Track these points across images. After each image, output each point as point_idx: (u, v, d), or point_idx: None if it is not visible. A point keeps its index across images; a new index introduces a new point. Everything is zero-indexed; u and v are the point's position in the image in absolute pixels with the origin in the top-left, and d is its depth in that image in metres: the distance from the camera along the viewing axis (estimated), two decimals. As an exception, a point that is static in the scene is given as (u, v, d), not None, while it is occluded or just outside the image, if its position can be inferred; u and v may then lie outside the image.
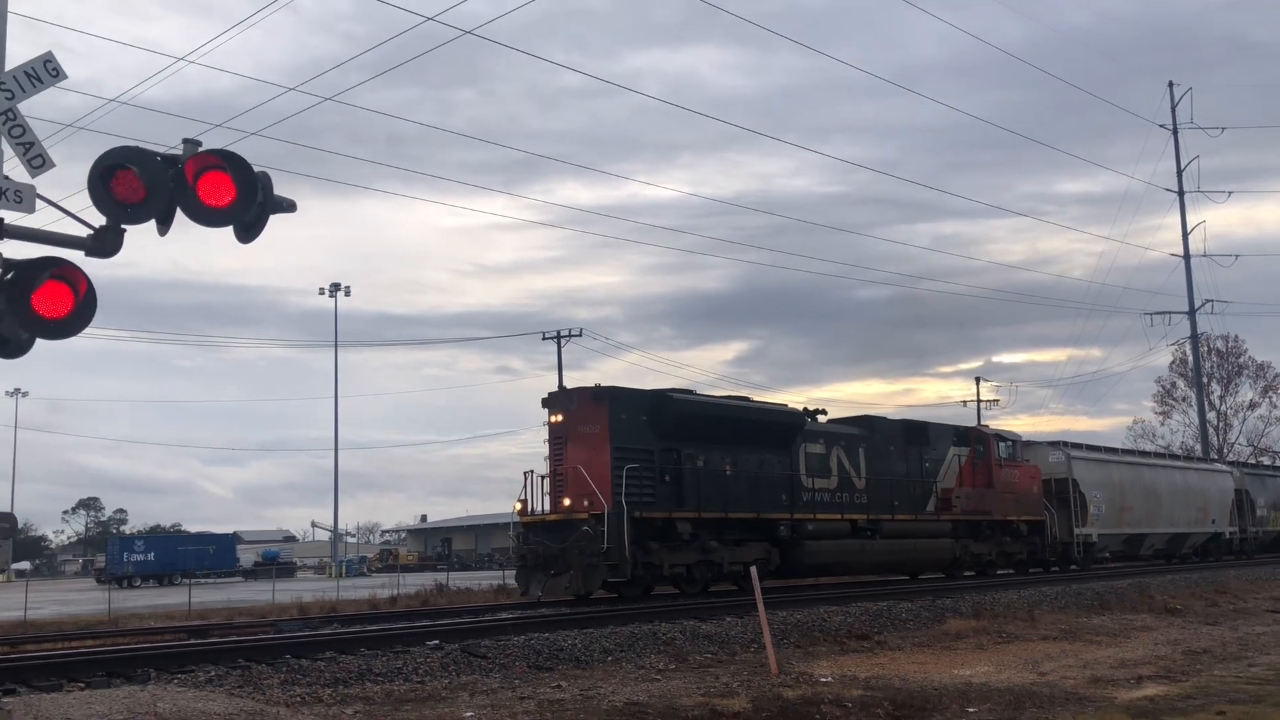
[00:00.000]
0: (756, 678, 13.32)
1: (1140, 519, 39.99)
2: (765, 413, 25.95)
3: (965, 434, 32.46)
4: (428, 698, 11.77)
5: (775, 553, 24.59)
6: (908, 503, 28.73)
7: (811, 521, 25.28)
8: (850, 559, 26.93)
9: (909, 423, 31.09)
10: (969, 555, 30.85)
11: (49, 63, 7.90)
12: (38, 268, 7.59)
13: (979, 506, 31.14)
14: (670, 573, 22.69)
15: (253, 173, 8.05)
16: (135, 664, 12.51)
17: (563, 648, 14.86)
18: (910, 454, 29.51)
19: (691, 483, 23.15)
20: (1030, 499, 33.47)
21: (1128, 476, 39.91)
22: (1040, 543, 33.68)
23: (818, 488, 26.31)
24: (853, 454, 27.52)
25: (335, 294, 54.54)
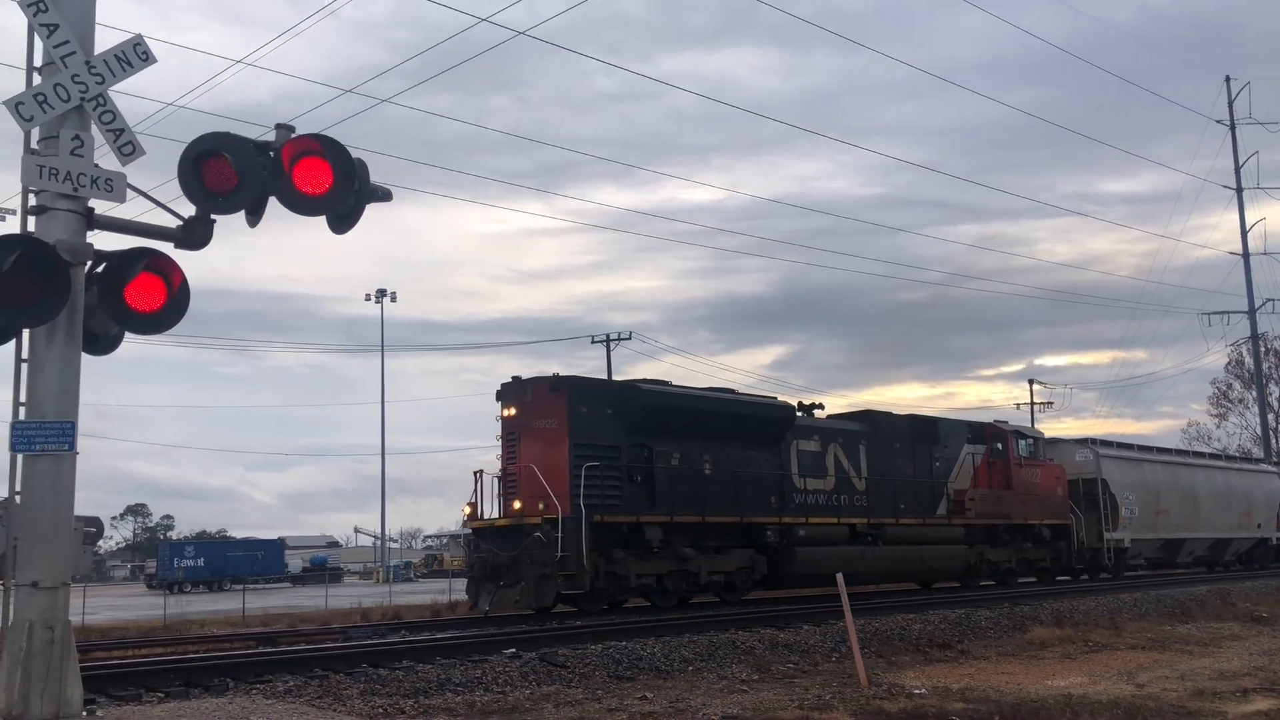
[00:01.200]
0: (847, 689, 12.83)
1: (1178, 523, 37.02)
2: (750, 406, 23.49)
3: (981, 431, 29.94)
4: (511, 709, 11.35)
5: (762, 561, 22.40)
6: (915, 505, 26.41)
7: (803, 526, 22.94)
8: (848, 568, 23.97)
9: (917, 418, 28.61)
10: (985, 563, 28.37)
11: (138, 46, 7.59)
12: (131, 259, 7.27)
13: (996, 509, 28.61)
14: (638, 584, 20.33)
15: (351, 159, 7.70)
16: (211, 673, 12.20)
17: (642, 657, 14.43)
18: (918, 452, 27.22)
19: (664, 483, 20.95)
20: (1054, 501, 30.89)
21: (1163, 477, 36.94)
22: (1066, 549, 30.99)
23: (811, 489, 24.18)
24: (852, 452, 25.36)
25: (381, 300, 54.43)
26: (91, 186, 7.25)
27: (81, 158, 7.26)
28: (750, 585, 22.55)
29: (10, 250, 6.80)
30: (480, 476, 20.91)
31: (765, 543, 22.21)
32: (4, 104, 7.04)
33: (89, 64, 7.32)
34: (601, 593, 19.77)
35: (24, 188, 7.24)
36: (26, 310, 6.89)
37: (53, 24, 7.22)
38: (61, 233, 7.17)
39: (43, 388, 7.16)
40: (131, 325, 7.45)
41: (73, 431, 7.09)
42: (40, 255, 6.89)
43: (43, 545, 7.09)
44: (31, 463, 7.12)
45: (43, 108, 7.14)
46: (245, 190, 7.65)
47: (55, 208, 7.24)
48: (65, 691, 6.95)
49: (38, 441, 7.04)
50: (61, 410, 7.13)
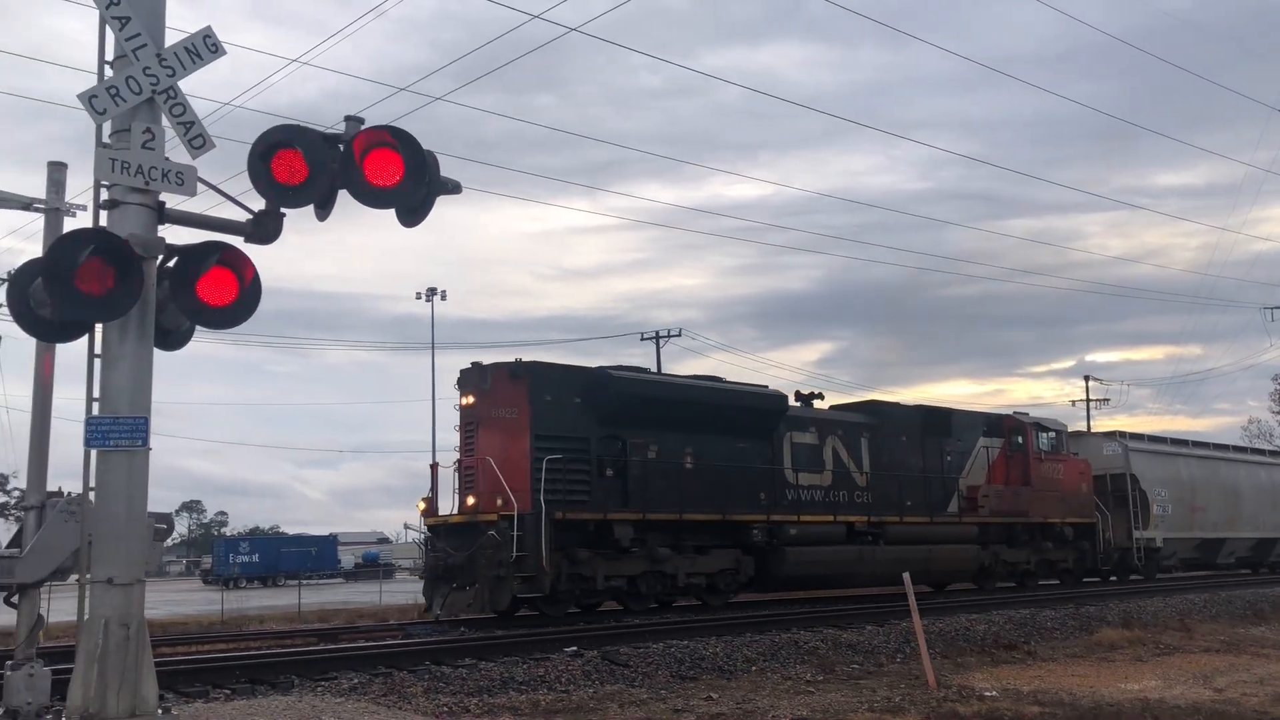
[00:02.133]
0: (916, 691, 12.61)
1: (1217, 521, 35.10)
2: (737, 395, 21.95)
3: (998, 423, 28.32)
4: (577, 708, 11.24)
5: (748, 562, 21.05)
6: (922, 502, 24.98)
7: (794, 524, 21.63)
8: (844, 569, 22.93)
9: (927, 409, 26.91)
10: (1001, 564, 26.85)
11: (208, 38, 7.50)
12: (203, 253, 7.19)
13: (1013, 507, 27.10)
14: (607, 586, 19.02)
15: (423, 151, 7.56)
16: (276, 670, 12.20)
17: (704, 656, 14.27)
18: (928, 446, 25.69)
19: (639, 478, 19.62)
20: (1078, 498, 29.20)
21: (1200, 473, 34.95)
22: (1090, 549, 29.38)
23: (806, 484, 22.77)
24: (853, 445, 23.92)
25: (432, 299, 54.67)
26: (163, 180, 7.17)
27: (153, 151, 7.18)
28: (736, 588, 21.31)
29: (84, 244, 6.75)
30: (436, 470, 19.81)
31: (752, 542, 20.97)
32: (77, 97, 6.99)
33: (160, 56, 7.26)
34: (565, 595, 18.38)
35: (96, 181, 7.19)
36: (100, 305, 6.83)
37: (125, 16, 7.16)
38: (134, 227, 7.11)
39: (116, 383, 7.10)
40: (204, 320, 7.38)
41: (146, 427, 7.03)
42: (113, 249, 6.83)
43: (116, 542, 7.03)
44: (105, 459, 7.06)
45: (115, 101, 7.08)
46: (315, 183, 7.54)
47: (127, 202, 7.17)
48: (141, 689, 6.89)
49: (111, 437, 6.98)
50: (135, 406, 7.07)
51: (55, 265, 6.79)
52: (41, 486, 8.64)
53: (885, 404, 26.33)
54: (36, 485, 8.65)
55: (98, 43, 7.33)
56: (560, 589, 18.05)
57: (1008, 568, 27.07)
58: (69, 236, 7.05)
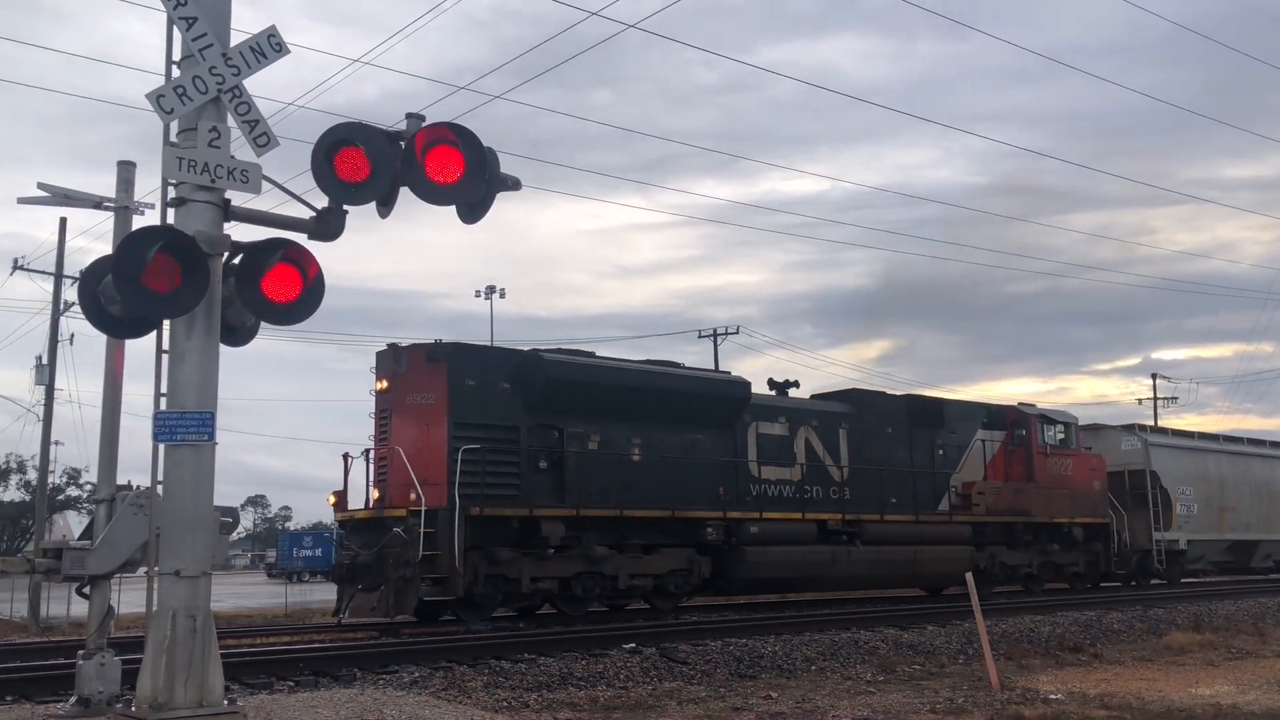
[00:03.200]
0: (979, 693, 12.40)
1: (1250, 522, 32.45)
2: (693, 382, 20.10)
3: (1000, 415, 26.16)
4: (635, 705, 11.21)
5: (703, 562, 19.28)
6: (908, 499, 23.01)
7: (756, 522, 19.74)
8: (815, 571, 21.03)
9: (916, 399, 25.01)
10: (999, 566, 24.69)
11: (272, 37, 7.60)
12: (268, 250, 7.29)
13: (1013, 505, 24.93)
14: (534, 588, 17.26)
15: (483, 148, 7.61)
16: (338, 663, 12.33)
17: (763, 654, 14.18)
18: (917, 439, 23.73)
19: (576, 471, 17.89)
20: (1089, 496, 26.84)
21: (1231, 470, 32.31)
22: (1104, 551, 27.12)
23: (773, 479, 20.89)
24: (829, 437, 22.00)
25: (490, 296, 55.01)
26: (229, 177, 7.28)
27: (219, 149, 7.30)
28: (688, 590, 19.62)
29: (152, 242, 6.87)
30: (349, 460, 17.83)
31: (707, 541, 19.19)
32: (145, 97, 7.11)
33: (225, 56, 7.37)
34: (483, 599, 16.71)
35: (164, 180, 7.31)
36: (167, 301, 6.95)
37: (191, 17, 7.27)
38: (200, 224, 7.23)
39: (183, 378, 7.23)
40: (269, 315, 7.49)
41: (212, 422, 7.14)
42: (180, 246, 6.95)
43: (183, 535, 7.15)
44: (172, 453, 7.19)
45: (182, 100, 7.20)
46: (377, 180, 7.62)
47: (194, 199, 7.29)
48: (207, 679, 7.01)
49: (179, 432, 7.10)
50: (201, 401, 7.19)
51: (124, 262, 6.92)
52: (111, 480, 8.82)
53: (868, 393, 24.42)
54: (107, 479, 8.83)
55: (165, 43, 7.46)
56: (478, 591, 16.46)
57: (1007, 571, 25.09)
58: (137, 234, 7.19)
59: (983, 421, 25.60)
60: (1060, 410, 27.85)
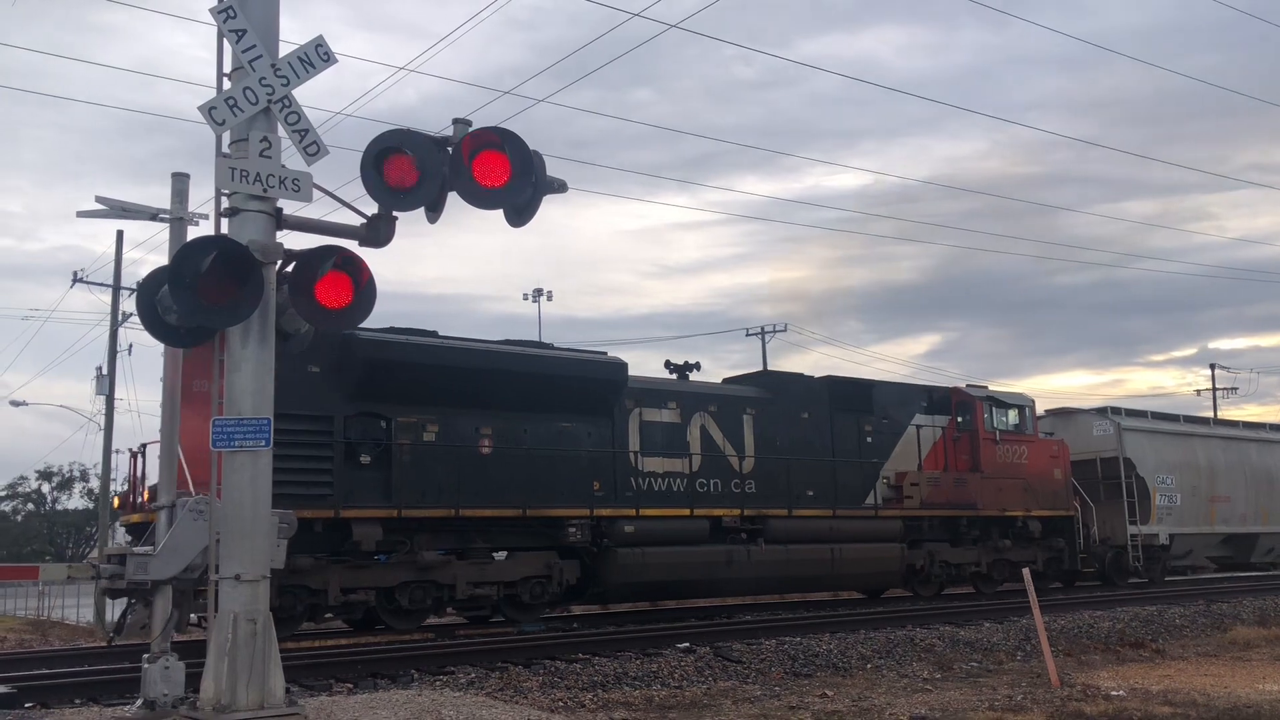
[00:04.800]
0: (1038, 689, 12.24)
1: (1246, 514, 29.67)
2: (550, 363, 17.76)
3: (943, 399, 23.80)
4: (690, 704, 11.21)
5: (568, 566, 17.17)
6: (827, 492, 20.69)
7: (631, 520, 17.53)
8: (706, 573, 18.65)
9: (841, 380, 22.48)
10: (940, 566, 22.34)
11: (320, 47, 7.70)
12: (320, 257, 7.38)
13: (954, 497, 22.50)
14: (342, 600, 15.20)
15: (529, 151, 7.65)
16: (394, 664, 12.47)
17: (818, 653, 14.12)
18: (841, 425, 21.44)
19: (407, 466, 15.93)
20: (1049, 486, 24.38)
21: (1223, 457, 29.57)
22: (1068, 547, 24.75)
23: (659, 471, 18.70)
24: (732, 424, 19.82)
25: (538, 299, 55.26)
26: (280, 186, 7.40)
27: (270, 159, 7.42)
28: (550, 599, 17.43)
29: (207, 251, 6.99)
30: (138, 455, 15.97)
31: (573, 543, 17.08)
32: (198, 109, 7.25)
33: (274, 66, 7.48)
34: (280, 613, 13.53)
35: (217, 190, 7.44)
36: (223, 310, 7.07)
37: (241, 29, 7.39)
38: (254, 233, 7.35)
39: (239, 385, 7.35)
40: (322, 322, 7.59)
41: (268, 428, 7.26)
42: (235, 255, 7.06)
43: (243, 539, 7.27)
44: (230, 459, 7.31)
45: (233, 111, 7.32)
46: (426, 186, 7.70)
47: (247, 209, 7.42)
48: (268, 682, 7.12)
49: (236, 438, 7.23)
50: (258, 407, 7.31)
51: (180, 273, 7.05)
52: (171, 487, 8.98)
53: (781, 374, 22.17)
54: (167, 485, 8.99)
55: (216, 55, 7.58)
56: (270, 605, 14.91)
57: (950, 571, 22.75)
58: (193, 244, 7.31)
59: (922, 405, 23.30)
60: (1014, 392, 25.46)
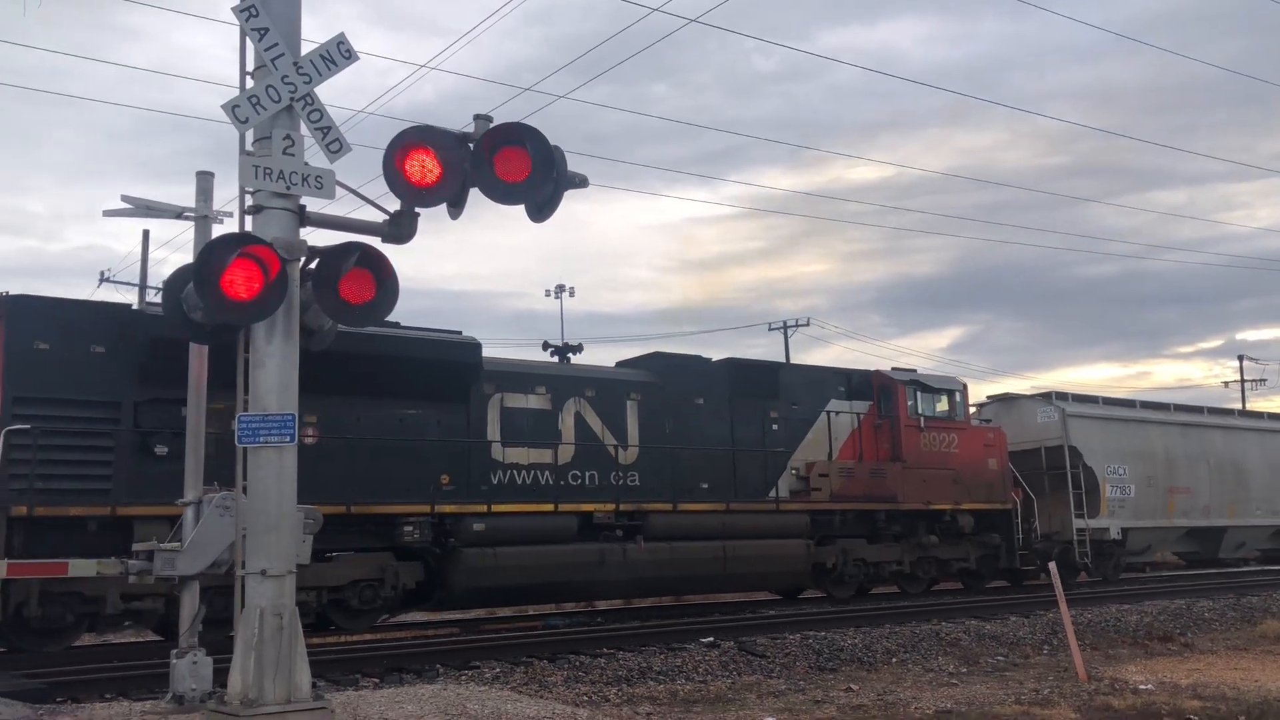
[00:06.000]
0: (1065, 683, 12.20)
1: (1210, 505, 27.77)
2: (387, 343, 15.63)
3: (863, 383, 22.18)
4: (715, 699, 11.23)
5: (407, 569, 15.49)
6: (725, 484, 19.20)
7: (482, 516, 15.84)
8: (573, 575, 16.81)
9: (741, 364, 20.66)
10: (854, 564, 20.63)
11: (341, 44, 7.72)
12: (343, 254, 7.41)
13: (871, 489, 20.98)
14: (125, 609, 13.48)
15: (550, 146, 7.65)
16: (419, 659, 12.53)
17: (843, 647, 14.10)
18: (741, 412, 19.87)
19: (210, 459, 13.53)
20: (982, 477, 22.66)
21: (1182, 445, 27.56)
22: (1005, 543, 22.90)
23: (524, 463, 17.07)
24: (612, 411, 18.21)
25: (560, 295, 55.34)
26: (303, 184, 7.43)
27: (293, 156, 7.44)
28: (386, 605, 15.70)
29: (232, 249, 7.03)
30: None
31: (412, 544, 15.44)
32: (221, 107, 7.28)
33: (297, 65, 7.50)
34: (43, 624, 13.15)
35: (241, 188, 7.48)
36: (248, 307, 7.11)
37: (263, 28, 7.42)
38: (277, 230, 7.38)
39: (264, 382, 7.39)
40: (346, 318, 7.63)
41: (293, 424, 7.29)
42: (259, 253, 7.09)
43: (268, 535, 7.31)
44: (255, 455, 7.35)
45: (256, 109, 7.36)
46: (448, 182, 7.71)
47: (270, 206, 7.45)
48: (295, 676, 7.16)
49: (261, 434, 7.27)
50: (282, 404, 7.35)
51: (205, 270, 7.09)
52: (198, 483, 9.05)
53: (676, 357, 20.40)
54: (193, 482, 9.06)
55: (239, 54, 7.62)
56: (30, 615, 12.89)
57: (867, 569, 21.02)
58: (217, 242, 7.36)
59: (839, 391, 21.73)
60: (942, 375, 23.76)
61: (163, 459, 13.74)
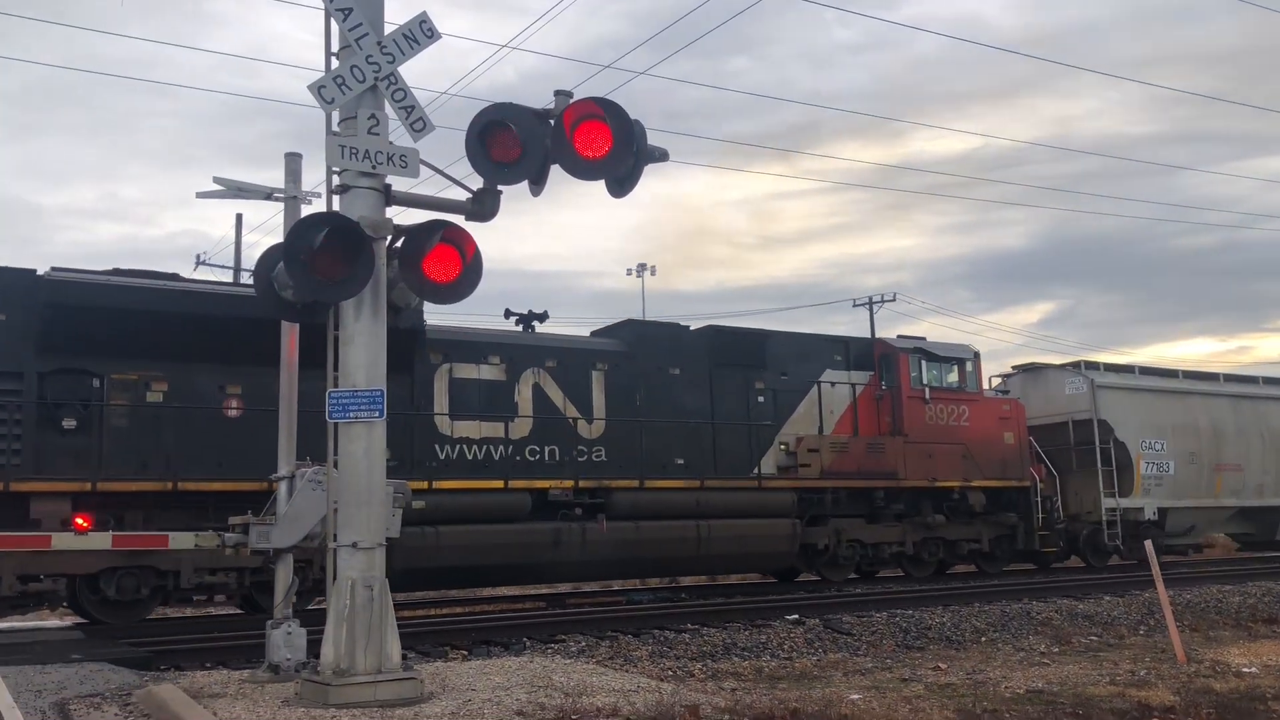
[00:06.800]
0: (1163, 665, 11.86)
1: (1265, 484, 25.51)
2: None
3: (864, 352, 20.68)
4: (800, 676, 11.17)
5: None
6: (704, 460, 17.90)
7: (422, 493, 14.18)
8: (526, 556, 15.91)
9: (725, 331, 19.33)
10: (849, 545, 19.24)
11: (424, 23, 7.78)
12: (427, 232, 7.50)
13: (868, 465, 19.47)
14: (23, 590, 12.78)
15: (630, 121, 7.63)
16: (507, 632, 12.71)
17: (930, 626, 13.94)
18: (723, 382, 18.50)
19: (121, 432, 13.62)
20: (997, 453, 21.10)
21: (1232, 418, 25.32)
22: (1022, 523, 21.32)
23: (475, 438, 15.93)
24: (576, 382, 16.99)
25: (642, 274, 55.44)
26: (388, 163, 7.52)
27: (378, 136, 7.54)
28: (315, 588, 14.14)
29: (320, 227, 7.16)
30: None
31: None
32: (308, 88, 7.40)
33: (380, 44, 7.59)
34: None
35: (328, 168, 7.60)
36: (337, 285, 7.24)
37: (347, 8, 7.51)
38: (364, 209, 7.49)
39: (353, 359, 7.53)
40: (430, 295, 7.73)
41: (381, 399, 7.42)
42: (346, 231, 7.22)
43: (359, 508, 7.46)
44: (346, 430, 7.50)
45: (341, 90, 7.46)
46: (529, 159, 7.75)
47: (357, 186, 7.57)
48: (386, 647, 7.31)
49: (351, 409, 7.40)
50: (371, 379, 7.48)
51: (294, 249, 7.23)
52: (291, 458, 9.26)
53: (650, 324, 19.36)
54: (286, 457, 9.28)
55: (324, 35, 7.73)
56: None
57: (864, 551, 19.65)
58: (306, 221, 7.50)
59: (835, 360, 20.16)
60: (952, 344, 21.87)
61: (70, 432, 13.25)
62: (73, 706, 8.10)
